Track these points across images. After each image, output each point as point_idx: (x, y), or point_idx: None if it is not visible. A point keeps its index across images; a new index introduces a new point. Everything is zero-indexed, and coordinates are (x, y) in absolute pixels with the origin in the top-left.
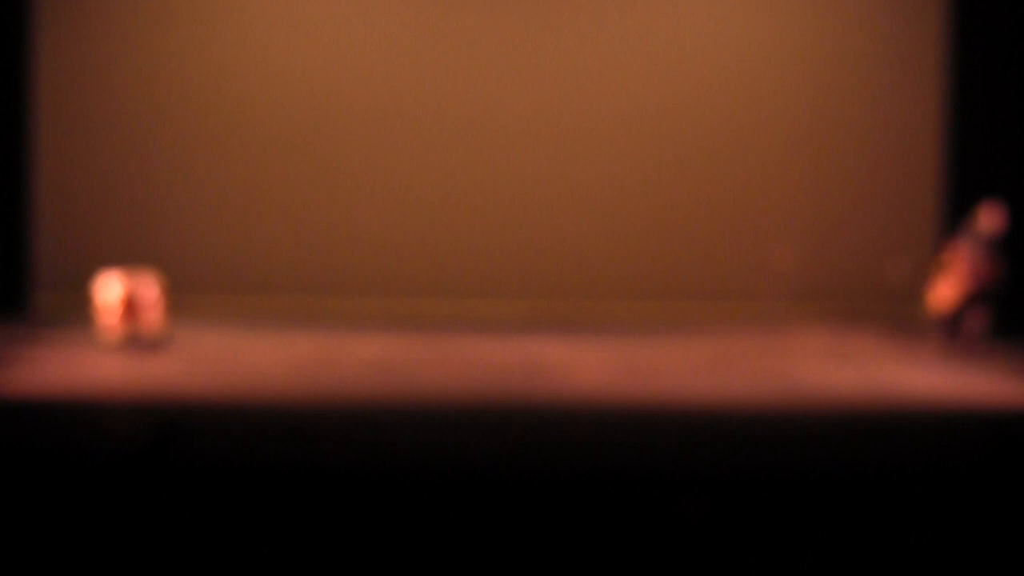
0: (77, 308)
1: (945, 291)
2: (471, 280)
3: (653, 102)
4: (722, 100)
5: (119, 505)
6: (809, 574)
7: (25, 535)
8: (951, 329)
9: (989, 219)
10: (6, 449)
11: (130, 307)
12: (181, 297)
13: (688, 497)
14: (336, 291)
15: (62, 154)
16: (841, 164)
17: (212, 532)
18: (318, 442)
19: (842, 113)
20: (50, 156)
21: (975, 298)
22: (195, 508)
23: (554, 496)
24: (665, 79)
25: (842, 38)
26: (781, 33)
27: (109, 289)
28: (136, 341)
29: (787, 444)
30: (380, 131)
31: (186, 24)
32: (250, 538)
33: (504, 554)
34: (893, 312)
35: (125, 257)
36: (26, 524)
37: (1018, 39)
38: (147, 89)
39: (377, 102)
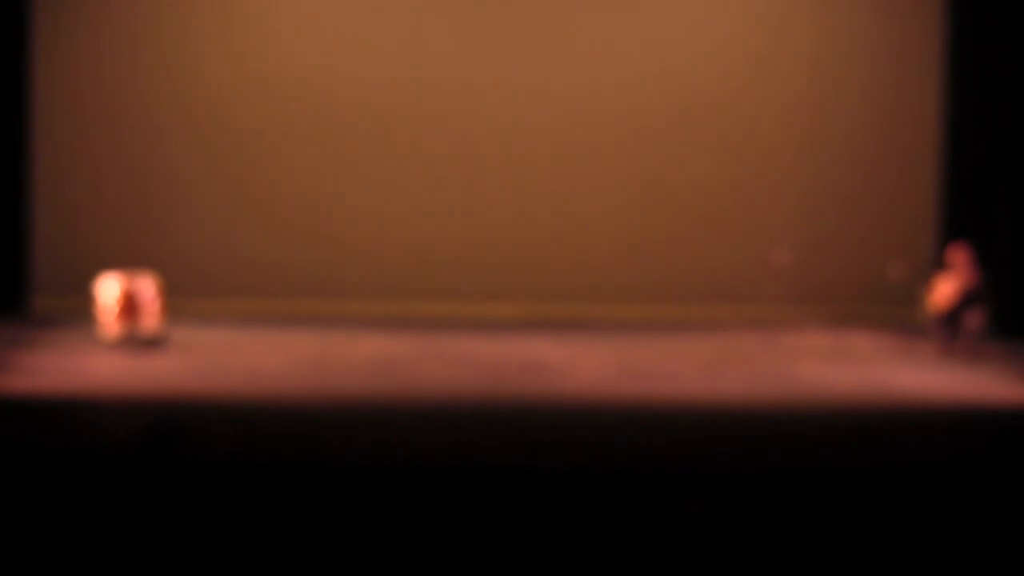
0: (76, 311)
1: (946, 289)
2: (472, 284)
3: (651, 106)
4: (721, 104)
5: (118, 503)
6: (808, 572)
7: (25, 534)
8: (950, 329)
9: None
10: (5, 448)
11: (128, 306)
12: (177, 301)
13: (687, 496)
14: (335, 296)
15: (59, 160)
16: (840, 167)
17: (211, 530)
18: (317, 440)
19: (841, 116)
20: (47, 162)
21: (973, 298)
22: (194, 506)
23: (553, 494)
24: (663, 84)
25: (842, 42)
26: (781, 38)
27: (107, 288)
28: (134, 339)
29: (786, 444)
30: (379, 136)
31: (183, 32)
32: (249, 536)
33: (503, 552)
34: (893, 313)
35: (123, 262)
36: (25, 522)
37: (1017, 43)
38: (144, 96)
39: (376, 109)
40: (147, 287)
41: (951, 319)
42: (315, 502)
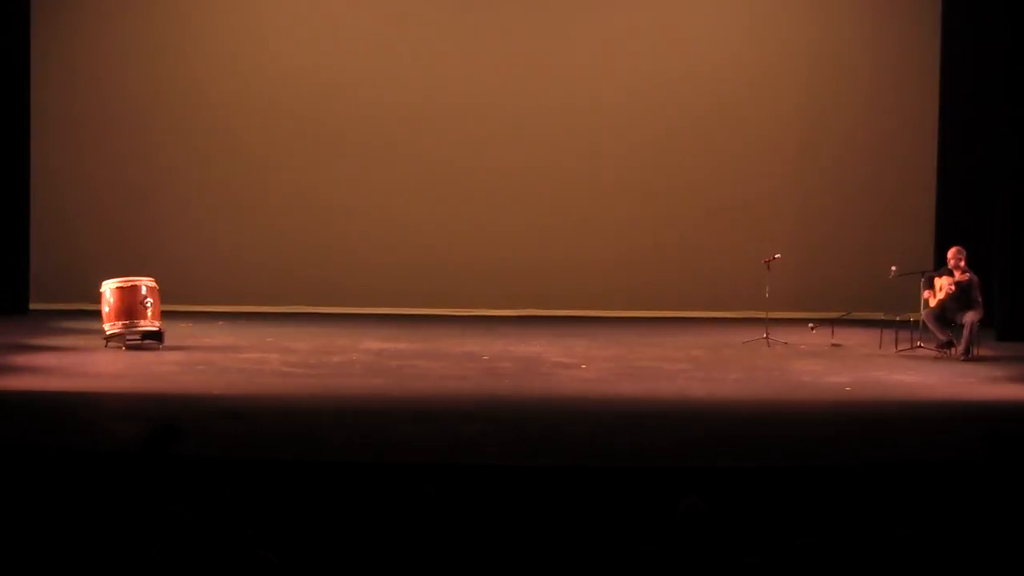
0: (75, 312)
1: (943, 290)
2: (471, 290)
3: (651, 111)
4: (720, 108)
5: (118, 502)
6: (804, 570)
7: (25, 533)
8: (947, 330)
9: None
10: (5, 448)
11: (126, 306)
12: (174, 307)
13: (686, 495)
14: (332, 303)
15: (57, 166)
16: (840, 168)
17: (210, 528)
18: (317, 439)
19: (841, 119)
20: (45, 167)
21: (970, 299)
22: (193, 505)
23: (553, 494)
24: (662, 88)
25: (842, 43)
26: (780, 40)
27: (106, 289)
28: (133, 339)
29: (785, 443)
30: (378, 144)
31: (180, 41)
32: (248, 535)
33: (503, 550)
34: (891, 313)
35: (122, 264)
36: (25, 522)
37: (1013, 43)
38: (141, 105)
39: (375, 117)
40: (145, 288)
41: (948, 320)
42: (314, 501)
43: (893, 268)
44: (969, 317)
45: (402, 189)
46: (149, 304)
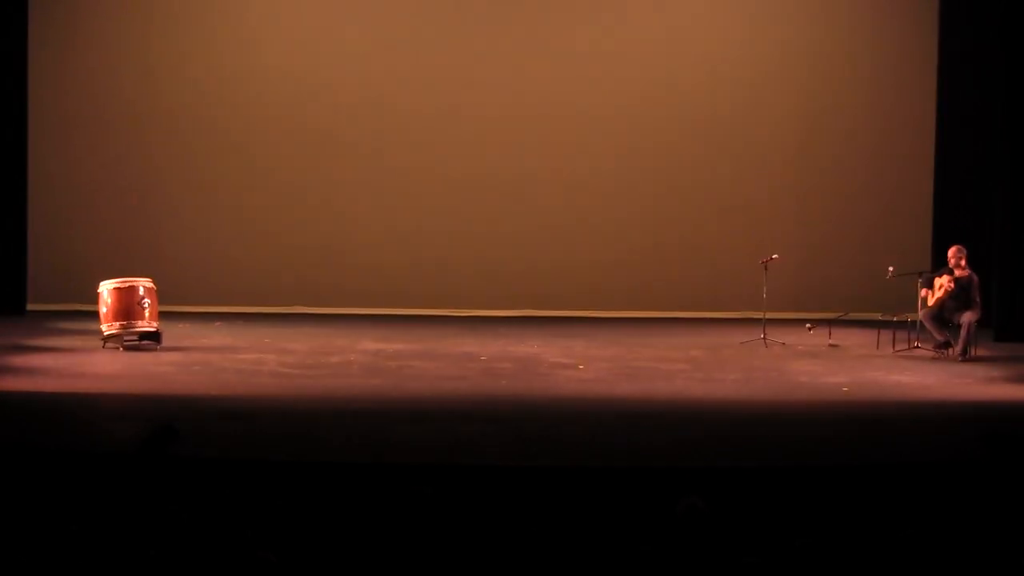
0: (75, 313)
1: (941, 290)
2: (469, 293)
3: (649, 113)
4: (720, 110)
5: (117, 502)
6: (804, 570)
7: (24, 533)
8: (945, 330)
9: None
10: (5, 448)
11: (125, 307)
12: (170, 307)
13: (685, 495)
14: (329, 303)
15: (55, 169)
16: (839, 169)
17: (209, 529)
18: (316, 439)
19: (840, 119)
20: (43, 170)
21: (968, 299)
22: (192, 505)
23: (552, 494)
24: (662, 90)
25: (842, 48)
26: (779, 46)
27: (104, 289)
28: (131, 340)
29: (784, 443)
30: (375, 146)
31: (177, 46)
32: (247, 535)
33: (502, 551)
34: (889, 313)
35: (120, 265)
36: (25, 522)
37: (1008, 46)
38: (139, 107)
39: (372, 120)
40: (142, 288)
41: (946, 320)
42: (313, 501)
43: (891, 268)
44: (967, 317)
45: (400, 190)
46: (147, 305)
